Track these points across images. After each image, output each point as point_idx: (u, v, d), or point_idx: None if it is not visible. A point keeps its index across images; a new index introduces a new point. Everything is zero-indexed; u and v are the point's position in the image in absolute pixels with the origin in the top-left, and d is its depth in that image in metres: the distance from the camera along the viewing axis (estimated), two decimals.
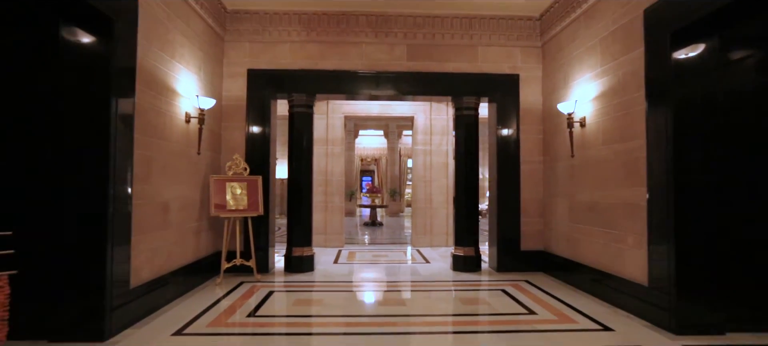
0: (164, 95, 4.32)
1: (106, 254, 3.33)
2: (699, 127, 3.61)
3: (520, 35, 6.24)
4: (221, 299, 4.65)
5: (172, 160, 4.49)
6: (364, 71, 6.13)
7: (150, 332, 3.55)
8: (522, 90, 6.23)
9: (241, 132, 6.00)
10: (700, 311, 3.53)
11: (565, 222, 5.52)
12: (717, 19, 3.36)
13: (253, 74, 6.03)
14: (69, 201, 3.30)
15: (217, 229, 5.65)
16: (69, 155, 3.33)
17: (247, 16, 6.02)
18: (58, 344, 3.18)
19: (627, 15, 4.25)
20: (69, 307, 3.26)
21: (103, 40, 3.42)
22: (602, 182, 4.67)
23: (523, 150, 6.21)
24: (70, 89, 3.37)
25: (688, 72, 3.65)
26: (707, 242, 3.55)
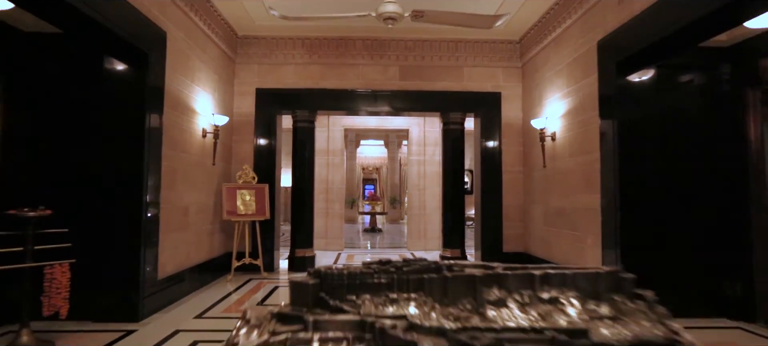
0: (185, 114, 5.00)
1: (141, 251, 3.99)
2: (640, 143, 4.25)
3: (501, 57, 6.91)
4: (232, 292, 5.28)
5: (191, 170, 5.16)
6: (361, 90, 6.80)
7: (175, 315, 4.19)
8: (504, 106, 6.87)
9: (250, 144, 6.68)
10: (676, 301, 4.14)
11: (540, 226, 6.14)
12: (651, 53, 4.00)
13: (261, 93, 6.72)
14: (111, 204, 3.96)
15: (228, 231, 6.30)
16: (110, 166, 4.00)
17: (256, 41, 6.72)
18: (100, 323, 3.83)
19: (585, 45, 4.91)
20: (109, 293, 3.91)
21: (139, 69, 4.11)
22: (568, 190, 5.29)
23: (504, 161, 6.84)
24: (111, 112, 4.05)
25: (631, 95, 4.30)
26: (646, 243, 4.16)
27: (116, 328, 3.73)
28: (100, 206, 3.95)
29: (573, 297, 0.90)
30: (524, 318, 0.81)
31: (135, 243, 4.00)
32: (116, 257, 3.94)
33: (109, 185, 3.99)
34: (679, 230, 4.22)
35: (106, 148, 4.03)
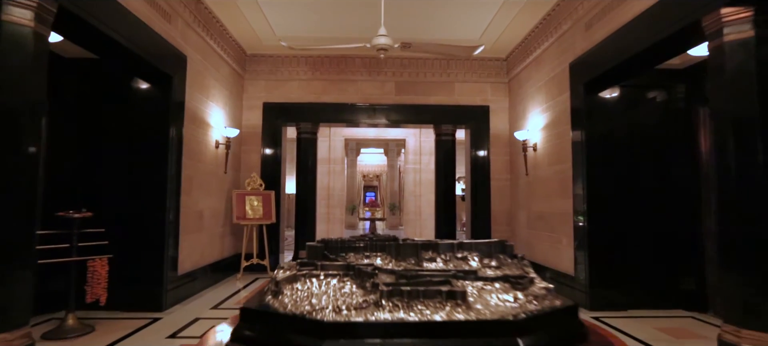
0: (201, 127, 5.57)
1: (164, 249, 4.54)
2: (606, 153, 4.80)
3: (490, 73, 7.48)
4: (241, 289, 5.81)
5: (205, 178, 5.72)
6: (360, 104, 7.37)
7: (193, 307, 4.73)
8: (492, 119, 7.44)
9: (257, 154, 7.24)
10: (608, 293, 4.66)
11: (524, 229, 6.68)
12: (613, 75, 4.56)
13: (268, 106, 7.30)
14: (140, 208, 4.52)
15: (237, 234, 6.84)
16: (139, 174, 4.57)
17: (263, 59, 7.31)
18: (129, 312, 4.36)
19: (560, 66, 5.47)
20: (137, 286, 4.45)
21: (164, 89, 4.69)
22: (547, 196, 5.84)
23: (493, 169, 7.39)
24: (139, 127, 4.62)
25: (598, 111, 4.86)
26: (611, 243, 4.70)
27: (144, 316, 4.27)
28: (131, 209, 4.50)
29: (476, 256, 1.42)
30: (442, 266, 1.33)
31: (159, 243, 4.54)
32: (143, 254, 4.49)
33: (138, 191, 4.55)
34: (641, 231, 4.76)
35: (135, 159, 4.59)
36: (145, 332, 3.82)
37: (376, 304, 1.07)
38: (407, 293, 1.08)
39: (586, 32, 4.85)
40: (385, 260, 1.33)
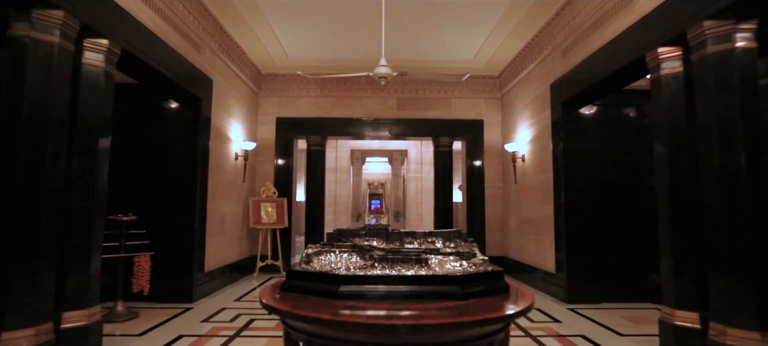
0: (223, 142, 6.28)
1: (194, 249, 5.22)
2: (582, 165, 5.43)
3: (484, 89, 8.15)
4: (257, 287, 6.46)
5: (227, 187, 6.42)
6: (365, 118, 8.06)
7: (218, 299, 5.40)
8: (486, 132, 8.09)
9: (271, 164, 7.94)
10: (584, 289, 5.27)
11: (514, 233, 7.30)
12: (586, 95, 5.20)
13: (280, 121, 8.01)
14: (174, 213, 5.21)
15: (253, 238, 7.51)
16: (172, 183, 5.26)
17: (277, 78, 8.04)
18: (164, 303, 5.03)
19: (543, 86, 6.13)
20: (171, 281, 5.12)
21: (193, 109, 5.40)
22: (534, 202, 6.46)
23: (487, 178, 8.03)
24: (173, 142, 5.33)
25: (575, 127, 5.50)
26: (587, 244, 5.31)
27: (177, 306, 4.94)
28: (166, 214, 5.19)
29: (440, 240, 2.05)
30: (417, 246, 1.96)
31: (190, 243, 5.23)
32: (176, 253, 5.17)
33: (171, 198, 5.25)
34: (613, 234, 5.37)
35: (168, 170, 5.29)
36: (182, 318, 4.49)
37: (371, 266, 1.71)
38: (391, 259, 1.71)
39: (563, 58, 5.51)
40: (379, 241, 1.97)
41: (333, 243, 1.95)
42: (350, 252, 1.85)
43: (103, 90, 3.46)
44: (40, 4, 2.87)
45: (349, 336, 1.48)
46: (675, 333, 3.39)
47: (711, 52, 3.10)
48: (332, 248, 1.89)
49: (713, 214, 3.11)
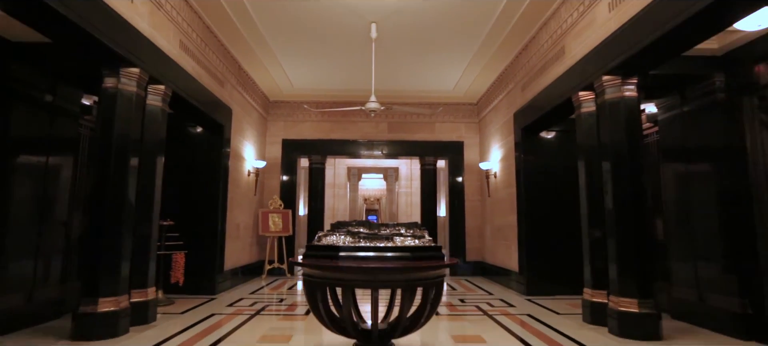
0: (239, 161, 7.40)
1: (217, 251, 6.29)
2: (538, 181, 6.57)
3: (464, 115, 9.34)
4: (265, 286, 7.51)
5: (241, 199, 7.52)
6: (360, 140, 9.21)
7: (236, 292, 6.45)
8: (466, 152, 9.25)
9: (277, 180, 9.05)
10: (540, 283, 6.35)
11: (489, 240, 8.40)
12: (538, 124, 6.37)
13: (286, 142, 9.15)
14: (201, 220, 6.29)
15: (262, 244, 8.58)
16: (200, 196, 6.36)
17: (283, 104, 9.20)
18: (193, 295, 6.07)
19: (508, 114, 7.31)
20: (198, 276, 6.17)
21: (217, 134, 6.53)
22: (503, 212, 7.59)
23: (467, 193, 9.16)
24: (200, 163, 6.44)
25: (533, 149, 6.66)
26: (542, 247, 6.42)
27: (204, 297, 5.98)
28: (194, 220, 6.27)
29: (403, 228, 3.15)
30: (388, 232, 3.06)
31: (214, 246, 6.30)
32: (203, 254, 6.23)
33: (198, 208, 6.34)
34: (564, 237, 6.47)
35: (197, 185, 6.40)
36: (209, 304, 5.54)
37: (358, 242, 2.81)
38: (371, 238, 2.81)
39: (523, 92, 6.69)
40: (364, 229, 3.07)
41: (334, 230, 3.06)
42: (346, 234, 2.96)
43: (159, 121, 4.59)
44: (125, 64, 4.02)
45: (345, 276, 2.58)
46: (591, 307, 4.49)
47: (608, 98, 4.28)
48: (334, 233, 3.00)
49: (609, 214, 4.25)
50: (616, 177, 4.23)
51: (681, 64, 4.38)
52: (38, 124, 4.39)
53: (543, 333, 4.16)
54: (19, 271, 4.11)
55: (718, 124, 4.30)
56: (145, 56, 4.25)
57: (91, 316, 3.74)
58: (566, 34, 5.13)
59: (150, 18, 4.38)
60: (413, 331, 2.93)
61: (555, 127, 6.72)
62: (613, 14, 4.17)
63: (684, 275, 4.66)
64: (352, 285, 2.65)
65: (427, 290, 2.80)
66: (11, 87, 4.08)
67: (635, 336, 3.87)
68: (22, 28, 3.56)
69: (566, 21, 5.10)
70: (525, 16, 5.61)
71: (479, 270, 8.82)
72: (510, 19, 5.71)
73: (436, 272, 2.75)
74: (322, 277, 2.72)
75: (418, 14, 5.59)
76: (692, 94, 4.60)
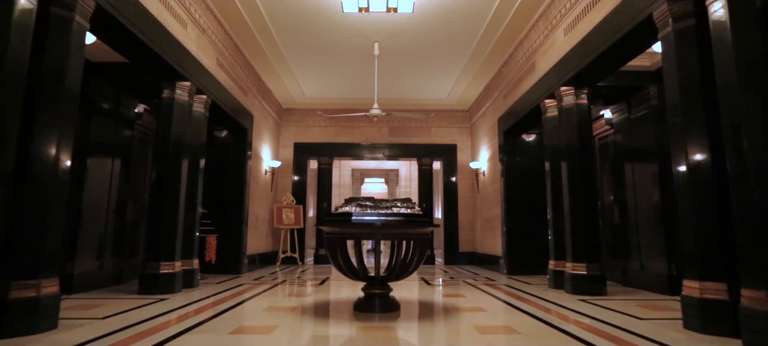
0: (258, 161, 8.45)
1: (241, 237, 7.33)
2: (518, 178, 7.60)
3: (457, 120, 10.39)
4: (279, 271, 8.52)
5: (260, 195, 8.56)
6: (363, 143, 10.27)
7: (256, 272, 7.47)
8: (458, 154, 10.29)
9: (290, 179, 10.10)
10: (519, 265, 7.34)
11: (479, 232, 9.41)
12: (517, 128, 7.41)
13: (297, 145, 10.21)
14: (229, 210, 7.33)
15: (276, 236, 9.60)
16: (228, 190, 7.41)
17: (294, 111, 10.27)
18: (221, 274, 7.09)
19: (493, 119, 8.36)
20: (226, 258, 7.20)
21: (241, 137, 7.59)
22: (490, 206, 8.60)
23: (459, 190, 10.19)
24: (227, 162, 7.50)
25: (514, 150, 7.69)
26: (521, 234, 7.42)
27: (231, 275, 7.00)
28: (222, 211, 7.31)
29: (399, 202, 4.15)
30: (388, 204, 4.07)
31: (238, 232, 7.34)
32: (230, 239, 7.26)
33: (225, 201, 7.38)
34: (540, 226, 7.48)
35: (225, 181, 7.44)
36: (236, 279, 6.55)
37: (364, 210, 3.82)
38: (375, 208, 3.82)
39: (504, 100, 7.74)
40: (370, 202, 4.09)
41: (348, 203, 4.09)
42: (355, 206, 3.99)
43: (202, 126, 5.66)
44: (179, 78, 5.09)
45: (355, 231, 3.61)
46: (553, 275, 5.50)
47: (565, 104, 5.32)
48: (347, 205, 4.03)
49: (566, 198, 5.27)
50: (570, 169, 5.26)
51: (626, 78, 5.42)
52: (107, 128, 5.45)
53: (512, 293, 5.16)
54: (90, 245, 5.15)
55: (653, 127, 5.34)
56: (194, 72, 5.32)
57: (154, 276, 4.78)
58: (536, 52, 6.19)
59: (197, 41, 5.46)
60: (403, 277, 3.96)
61: (532, 131, 7.76)
62: (567, 38, 5.23)
63: (632, 249, 5.67)
64: (360, 237, 3.70)
65: (414, 243, 3.82)
66: (91, 99, 5.15)
67: (584, 293, 4.87)
68: (99, 51, 4.63)
69: (535, 41, 6.16)
70: (503, 37, 6.67)
71: (471, 259, 9.81)
72: (490, 40, 6.77)
73: (421, 230, 3.79)
74: (340, 233, 3.75)
75: (414, 36, 6.65)
76: (635, 102, 5.64)
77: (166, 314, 3.71)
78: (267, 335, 2.99)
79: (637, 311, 3.97)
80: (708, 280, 3.04)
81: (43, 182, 2.99)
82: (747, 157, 2.61)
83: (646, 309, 4.06)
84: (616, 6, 4.13)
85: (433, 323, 3.46)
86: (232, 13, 6.04)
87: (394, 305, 3.88)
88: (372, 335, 3.04)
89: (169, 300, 4.41)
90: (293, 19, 6.22)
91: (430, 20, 6.19)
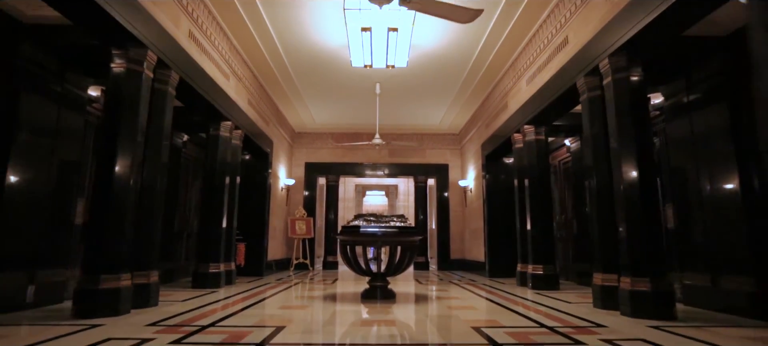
0: (276, 179, 9.84)
1: (264, 245, 8.69)
2: (496, 196, 8.97)
3: (449, 143, 11.79)
4: (292, 275, 9.86)
5: (277, 208, 9.93)
6: (366, 163, 11.66)
7: (276, 275, 8.81)
8: (450, 172, 11.68)
9: (301, 194, 11.48)
10: (499, 269, 8.67)
11: (468, 241, 10.76)
12: (496, 153, 8.80)
13: (308, 165, 11.61)
14: (254, 223, 8.70)
15: (289, 245, 10.95)
16: (253, 206, 8.78)
17: (305, 135, 11.69)
18: (246, 276, 8.42)
19: (478, 143, 9.75)
20: (250, 264, 8.54)
21: (263, 160, 8.99)
22: (476, 219, 9.96)
23: (451, 204, 11.55)
24: (253, 182, 8.88)
25: (494, 171, 9.08)
26: (500, 243, 8.77)
27: (254, 278, 8.34)
28: (248, 223, 8.67)
29: (396, 218, 5.48)
30: (387, 222, 5.40)
31: (260, 241, 8.69)
32: (254, 247, 8.61)
33: (250, 214, 8.75)
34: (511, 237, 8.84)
35: (252, 198, 8.82)
36: (263, 279, 7.89)
37: (369, 223, 5.14)
38: (377, 222, 5.14)
39: (486, 128, 9.14)
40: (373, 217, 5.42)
41: (356, 218, 5.45)
42: (362, 220, 5.35)
43: (237, 154, 7.06)
44: (223, 119, 6.49)
45: (362, 239, 4.97)
46: (520, 275, 6.84)
47: (527, 139, 6.72)
48: (356, 220, 5.40)
49: (530, 212, 6.64)
50: (531, 189, 6.64)
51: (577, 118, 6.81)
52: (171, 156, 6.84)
53: (484, 288, 6.50)
54: None
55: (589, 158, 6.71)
56: (233, 112, 6.73)
57: (205, 274, 6.13)
58: (507, 94, 7.60)
59: (235, 88, 6.88)
60: (398, 273, 5.31)
61: (508, 156, 9.14)
62: (529, 87, 6.63)
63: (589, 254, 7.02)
64: (365, 244, 5.06)
65: (405, 248, 5.19)
66: None
67: (542, 288, 6.21)
68: None
69: (507, 86, 7.58)
70: (482, 80, 8.09)
71: (461, 266, 11.14)
72: (472, 82, 8.20)
73: (410, 239, 5.15)
74: (351, 240, 5.12)
75: (409, 79, 8.07)
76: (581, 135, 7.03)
77: (226, 299, 5.07)
78: (303, 310, 4.34)
79: (572, 298, 5.32)
80: (608, 272, 4.40)
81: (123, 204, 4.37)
82: (615, 179, 4.02)
83: (578, 296, 5.41)
84: (557, 71, 5.53)
85: (418, 304, 4.81)
86: (261, 63, 7.47)
87: (392, 294, 5.23)
88: (375, 310, 4.39)
89: (219, 292, 5.75)
90: (310, 67, 7.64)
91: (421, 68, 7.62)
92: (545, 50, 5.93)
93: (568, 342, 2.98)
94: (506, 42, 6.62)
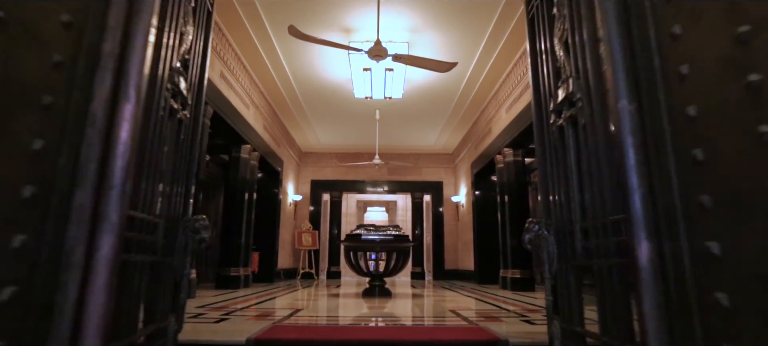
0: (285, 195, 10.84)
1: (274, 255, 9.64)
2: (483, 210, 9.94)
3: (443, 161, 12.81)
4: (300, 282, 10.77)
5: (285, 222, 10.91)
6: (367, 180, 12.66)
7: (285, 282, 9.73)
8: (444, 189, 12.66)
9: (307, 209, 12.46)
10: (486, 276, 9.60)
11: (460, 252, 11.69)
12: (482, 172, 9.80)
13: (313, 182, 12.61)
14: (266, 235, 9.67)
15: (296, 256, 11.89)
16: (266, 219, 9.77)
17: (311, 154, 12.73)
18: (259, 283, 9.35)
19: (468, 163, 10.76)
20: (262, 271, 9.48)
21: (275, 178, 10.00)
22: (467, 231, 10.91)
23: (445, 218, 12.51)
24: (265, 198, 9.89)
25: (482, 188, 10.07)
26: (487, 253, 9.71)
27: (266, 284, 9.27)
28: (261, 235, 9.64)
29: (392, 228, 6.43)
30: (384, 231, 6.35)
31: (272, 251, 9.65)
32: (266, 256, 9.57)
33: (265, 227, 9.73)
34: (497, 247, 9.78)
35: (264, 212, 9.81)
36: (274, 285, 8.81)
37: (370, 232, 6.09)
38: (376, 231, 6.09)
39: (475, 150, 10.17)
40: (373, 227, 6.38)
41: (358, 227, 6.42)
42: (364, 230, 6.32)
43: (254, 173, 8.08)
44: (244, 143, 7.52)
45: (363, 246, 5.93)
46: (502, 279, 7.78)
47: (507, 160, 7.73)
48: (358, 229, 6.36)
49: (509, 225, 7.61)
50: (510, 204, 7.62)
51: None
52: None
53: (470, 290, 7.42)
54: None
55: None
56: (251, 137, 7.76)
57: (227, 277, 7.09)
58: (491, 120, 8.64)
59: (254, 116, 7.94)
60: (394, 275, 6.27)
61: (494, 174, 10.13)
62: (508, 114, 7.67)
63: None
64: (365, 250, 6.03)
65: (399, 253, 6.15)
66: None
67: (520, 290, 7.14)
68: None
69: (491, 113, 8.62)
70: (470, 108, 9.14)
71: (455, 275, 12.04)
72: (461, 110, 9.26)
73: (404, 245, 6.12)
74: (354, 246, 6.09)
75: (405, 107, 9.13)
76: None
77: (248, 296, 6.02)
78: (315, 301, 5.30)
79: (541, 295, 6.25)
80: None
81: None
82: None
83: None
84: (527, 104, 6.56)
85: (411, 301, 5.75)
86: (275, 93, 8.54)
87: (389, 292, 6.18)
88: (373, 305, 5.34)
89: (240, 292, 6.70)
90: (317, 96, 8.71)
91: (416, 98, 8.68)
92: (519, 86, 6.98)
93: (520, 318, 3.93)
94: (488, 77, 7.68)
